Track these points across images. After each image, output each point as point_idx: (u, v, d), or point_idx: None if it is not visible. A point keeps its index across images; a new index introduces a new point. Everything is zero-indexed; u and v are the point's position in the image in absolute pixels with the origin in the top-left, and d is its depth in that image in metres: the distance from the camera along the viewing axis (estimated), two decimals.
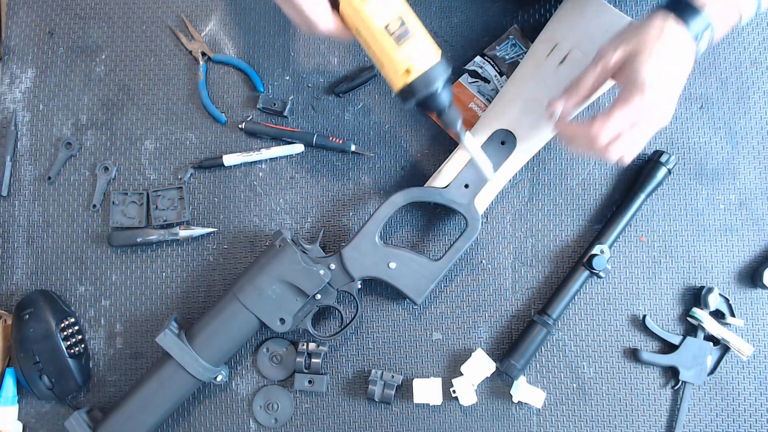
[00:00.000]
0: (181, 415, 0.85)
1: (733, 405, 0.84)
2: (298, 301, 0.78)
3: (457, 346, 0.85)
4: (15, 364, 0.82)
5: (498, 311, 0.85)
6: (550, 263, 0.86)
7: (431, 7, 0.89)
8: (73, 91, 0.89)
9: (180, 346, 0.77)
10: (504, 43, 0.87)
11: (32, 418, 0.85)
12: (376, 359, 0.85)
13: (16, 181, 0.88)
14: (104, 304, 0.86)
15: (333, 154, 0.87)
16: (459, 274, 0.86)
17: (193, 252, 0.87)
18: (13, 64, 0.89)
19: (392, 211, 0.79)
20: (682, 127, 0.87)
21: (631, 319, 0.85)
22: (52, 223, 0.87)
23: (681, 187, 0.86)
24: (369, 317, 0.85)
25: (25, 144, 0.88)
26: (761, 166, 0.86)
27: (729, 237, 0.86)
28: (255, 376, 0.85)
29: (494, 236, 0.86)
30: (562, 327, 0.85)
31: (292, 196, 0.87)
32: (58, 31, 0.90)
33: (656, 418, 0.84)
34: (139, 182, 0.87)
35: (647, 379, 0.84)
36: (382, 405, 0.84)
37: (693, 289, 0.85)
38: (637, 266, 0.85)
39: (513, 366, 0.81)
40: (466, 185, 0.80)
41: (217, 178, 0.87)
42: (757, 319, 0.84)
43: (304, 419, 0.84)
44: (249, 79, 0.88)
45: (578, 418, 0.84)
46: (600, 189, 0.86)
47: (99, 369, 0.86)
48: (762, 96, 0.87)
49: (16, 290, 0.87)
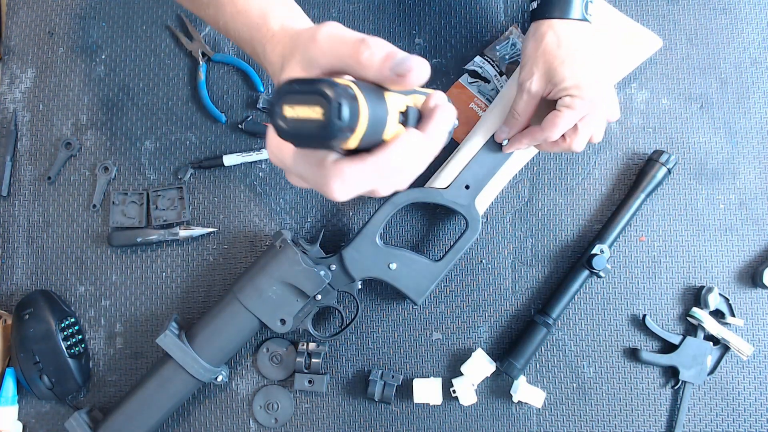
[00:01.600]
0: (181, 415, 0.85)
1: (733, 405, 0.84)
2: (298, 302, 0.78)
3: (457, 346, 0.85)
4: (15, 364, 0.82)
5: (498, 311, 0.85)
6: (550, 263, 0.86)
7: (431, 7, 0.89)
8: (73, 91, 0.89)
9: (180, 346, 0.77)
10: (504, 43, 0.87)
11: (32, 418, 0.85)
12: (376, 359, 0.85)
13: (16, 181, 0.88)
14: (104, 304, 0.86)
15: None
16: (459, 274, 0.86)
17: (193, 252, 0.87)
18: (13, 64, 0.89)
19: (393, 212, 0.79)
20: (682, 127, 0.87)
21: (631, 319, 0.85)
22: (52, 223, 0.87)
23: (681, 187, 0.86)
24: (369, 317, 0.85)
25: (25, 144, 0.88)
26: (761, 166, 0.86)
27: (729, 237, 0.86)
28: (255, 376, 0.85)
29: (494, 236, 0.86)
30: (562, 327, 0.85)
31: (292, 196, 0.87)
32: (58, 31, 0.90)
33: (656, 418, 0.84)
34: (139, 182, 0.87)
35: (647, 379, 0.84)
36: (382, 405, 0.84)
37: (693, 289, 0.85)
38: (637, 266, 0.85)
39: (513, 366, 0.81)
40: (467, 186, 0.80)
41: (217, 178, 0.87)
42: (757, 319, 0.84)
43: (304, 419, 0.84)
44: (249, 79, 0.88)
45: (578, 418, 0.84)
46: (600, 189, 0.86)
47: (99, 369, 0.86)
48: (762, 96, 0.87)
49: (16, 290, 0.87)
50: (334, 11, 0.89)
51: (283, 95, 0.41)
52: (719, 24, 0.89)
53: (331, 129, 0.39)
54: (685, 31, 0.88)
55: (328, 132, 0.39)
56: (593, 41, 0.72)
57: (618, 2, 0.88)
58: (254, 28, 0.57)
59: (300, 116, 0.40)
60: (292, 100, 0.40)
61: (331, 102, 0.39)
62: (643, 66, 0.87)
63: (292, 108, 0.40)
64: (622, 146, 0.87)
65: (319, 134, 0.40)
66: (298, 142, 0.42)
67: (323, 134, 0.40)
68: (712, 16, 0.89)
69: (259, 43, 0.57)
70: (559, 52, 0.70)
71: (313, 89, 0.40)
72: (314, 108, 0.40)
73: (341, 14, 0.89)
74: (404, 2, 0.89)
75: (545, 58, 0.71)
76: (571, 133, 0.72)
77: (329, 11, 0.89)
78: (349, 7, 0.89)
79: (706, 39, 0.88)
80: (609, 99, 0.72)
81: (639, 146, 0.87)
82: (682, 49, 0.88)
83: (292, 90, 0.41)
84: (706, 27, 0.89)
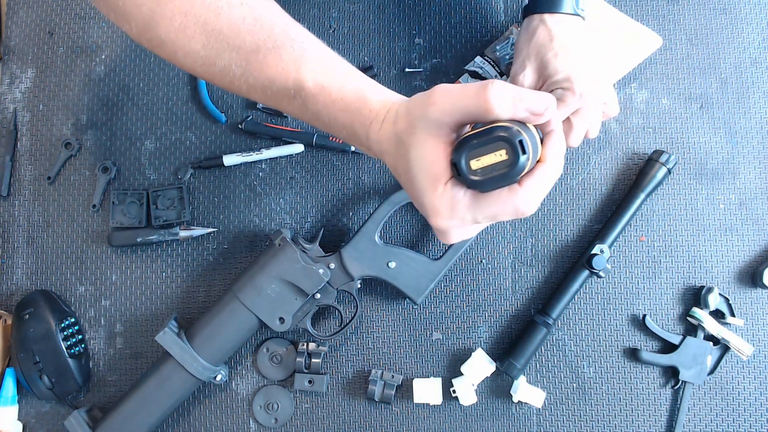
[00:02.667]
0: (181, 415, 0.85)
1: (733, 405, 0.84)
2: (297, 300, 0.78)
3: (457, 346, 0.85)
4: (15, 364, 0.82)
5: (498, 311, 0.85)
6: (550, 263, 0.86)
7: (431, 7, 0.89)
8: (73, 91, 0.89)
9: (179, 344, 0.77)
10: (504, 43, 0.87)
11: (32, 418, 0.85)
12: (376, 359, 0.85)
13: (16, 181, 0.88)
14: (104, 304, 0.86)
15: (333, 154, 0.87)
16: (459, 273, 0.86)
17: (193, 252, 0.87)
18: (13, 64, 0.89)
19: (392, 211, 0.79)
20: (682, 127, 0.87)
21: (631, 319, 0.85)
22: (52, 223, 0.87)
23: (681, 186, 0.86)
24: (369, 317, 0.85)
25: (25, 144, 0.88)
26: (761, 166, 0.86)
27: (729, 237, 0.86)
28: (255, 376, 0.85)
29: (494, 236, 0.86)
30: (562, 327, 0.85)
31: (292, 196, 0.87)
32: (58, 31, 0.90)
33: (656, 418, 0.84)
34: (139, 182, 0.87)
35: (647, 379, 0.84)
36: (382, 405, 0.84)
37: (693, 289, 0.85)
38: (637, 266, 0.85)
39: (513, 366, 0.81)
40: None
41: (217, 178, 0.87)
42: (757, 319, 0.84)
43: (304, 419, 0.84)
44: None
45: (578, 418, 0.84)
46: (600, 189, 0.86)
47: (99, 369, 0.86)
48: (762, 96, 0.87)
49: (16, 290, 0.87)
50: (334, 11, 0.89)
51: (466, 153, 0.48)
52: (719, 24, 0.89)
53: (519, 164, 0.48)
54: (685, 31, 0.89)
55: (516, 168, 0.48)
56: (585, 35, 0.71)
57: (618, 2, 0.88)
58: (354, 112, 0.56)
59: (487, 164, 0.48)
60: (474, 154, 0.48)
61: (512, 141, 0.47)
62: (643, 66, 0.87)
63: (477, 160, 0.48)
64: (622, 146, 0.87)
65: (509, 172, 0.48)
66: (489, 186, 0.49)
67: (512, 171, 0.48)
68: (712, 16, 0.89)
69: (361, 126, 0.56)
70: (551, 46, 0.70)
71: (491, 138, 0.48)
72: (498, 153, 0.48)
73: (341, 14, 0.89)
74: (404, 2, 0.89)
75: (537, 51, 0.71)
76: (565, 128, 0.71)
77: (329, 11, 0.89)
78: (349, 7, 0.89)
79: (706, 39, 0.88)
80: (604, 93, 0.71)
81: (639, 146, 0.87)
82: (682, 49, 0.88)
83: (471, 146, 0.48)
84: (706, 27, 0.89)
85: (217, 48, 0.58)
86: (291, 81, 0.57)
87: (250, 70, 0.58)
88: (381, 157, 0.56)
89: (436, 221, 0.53)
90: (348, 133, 0.58)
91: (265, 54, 0.57)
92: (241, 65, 0.58)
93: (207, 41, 0.58)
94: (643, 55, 0.85)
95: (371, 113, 0.55)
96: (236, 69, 0.58)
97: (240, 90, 0.60)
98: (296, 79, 0.57)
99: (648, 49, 0.85)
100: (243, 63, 0.58)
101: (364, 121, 0.56)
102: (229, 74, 0.59)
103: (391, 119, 0.54)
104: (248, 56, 0.57)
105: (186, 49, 0.58)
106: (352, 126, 0.56)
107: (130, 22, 0.59)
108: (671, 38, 0.88)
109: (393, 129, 0.53)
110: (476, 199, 0.51)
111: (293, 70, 0.57)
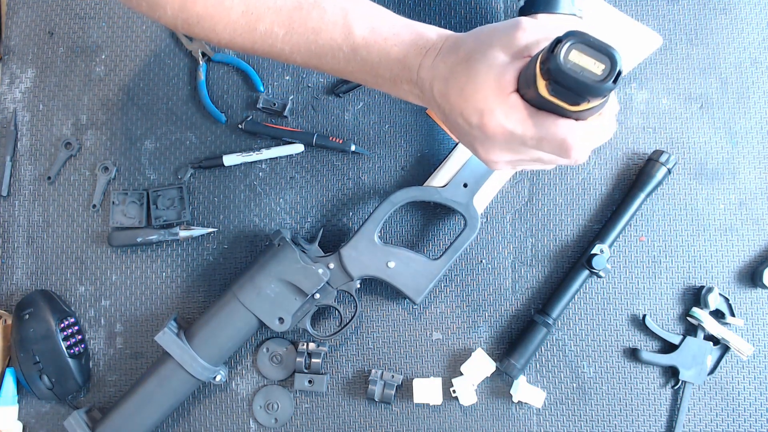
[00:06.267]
0: (181, 415, 0.85)
1: (733, 405, 0.84)
2: (297, 300, 0.78)
3: (457, 346, 0.85)
4: (15, 364, 0.82)
5: (498, 311, 0.85)
6: (550, 263, 0.86)
7: (431, 7, 0.89)
8: (73, 91, 0.89)
9: (179, 344, 0.77)
10: None
11: (32, 418, 0.85)
12: (376, 359, 0.85)
13: (16, 181, 0.88)
14: (104, 304, 0.86)
15: (333, 154, 0.87)
16: (459, 273, 0.86)
17: (193, 252, 0.87)
18: (13, 64, 0.89)
19: (391, 210, 0.79)
20: (682, 127, 0.87)
21: (631, 319, 0.85)
22: (52, 223, 0.87)
23: (681, 186, 0.86)
24: (369, 317, 0.85)
25: (25, 144, 0.88)
26: (761, 166, 0.86)
27: (729, 237, 0.85)
28: (255, 376, 0.85)
29: (494, 236, 0.86)
30: (562, 327, 0.85)
31: (292, 196, 0.87)
32: (58, 31, 0.90)
33: (656, 418, 0.84)
34: (139, 182, 0.87)
35: (647, 379, 0.84)
36: (382, 405, 0.84)
37: (693, 289, 0.85)
38: (637, 266, 0.85)
39: (513, 366, 0.81)
40: (465, 184, 0.80)
41: (217, 178, 0.87)
42: (757, 319, 0.84)
43: (304, 419, 0.84)
44: (249, 79, 0.88)
45: (578, 418, 0.84)
46: (600, 189, 0.86)
47: (99, 369, 0.86)
48: (762, 96, 0.87)
49: (16, 290, 0.87)
50: None
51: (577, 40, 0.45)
52: (719, 24, 0.89)
53: (604, 86, 0.45)
54: (685, 31, 0.88)
55: (600, 88, 0.45)
56: None
57: (618, 2, 0.88)
58: (409, 44, 0.56)
59: (580, 64, 0.45)
60: (583, 48, 0.45)
61: (616, 65, 0.44)
62: (642, 66, 0.87)
63: (579, 54, 0.45)
64: (622, 146, 0.87)
65: (591, 87, 0.45)
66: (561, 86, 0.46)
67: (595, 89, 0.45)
68: (712, 16, 0.89)
69: (415, 56, 0.56)
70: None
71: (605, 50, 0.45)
72: (598, 64, 0.45)
73: None
74: (404, 2, 0.89)
75: None
76: None
77: None
78: None
79: (706, 39, 0.88)
80: None
81: (639, 146, 0.87)
82: (682, 48, 0.88)
83: (586, 41, 0.45)
84: (706, 27, 0.89)
85: (257, 13, 0.58)
86: (339, 30, 0.57)
87: (294, 27, 0.58)
88: (431, 84, 0.55)
89: (489, 120, 0.51)
90: (397, 70, 0.57)
91: (309, 9, 0.58)
92: (284, 25, 0.58)
93: (246, 8, 0.58)
94: (643, 55, 0.85)
95: (428, 42, 0.56)
96: (278, 30, 0.58)
97: (282, 53, 0.60)
98: (344, 26, 0.57)
99: (648, 49, 0.85)
100: (286, 22, 0.58)
101: (419, 51, 0.56)
102: (270, 37, 0.59)
103: (449, 46, 0.54)
104: (291, 14, 0.58)
105: (225, 20, 0.59)
106: (406, 59, 0.56)
107: (165, 6, 0.60)
108: (671, 38, 0.88)
109: (454, 53, 0.53)
110: (534, 114, 0.50)
111: (341, 18, 0.57)
